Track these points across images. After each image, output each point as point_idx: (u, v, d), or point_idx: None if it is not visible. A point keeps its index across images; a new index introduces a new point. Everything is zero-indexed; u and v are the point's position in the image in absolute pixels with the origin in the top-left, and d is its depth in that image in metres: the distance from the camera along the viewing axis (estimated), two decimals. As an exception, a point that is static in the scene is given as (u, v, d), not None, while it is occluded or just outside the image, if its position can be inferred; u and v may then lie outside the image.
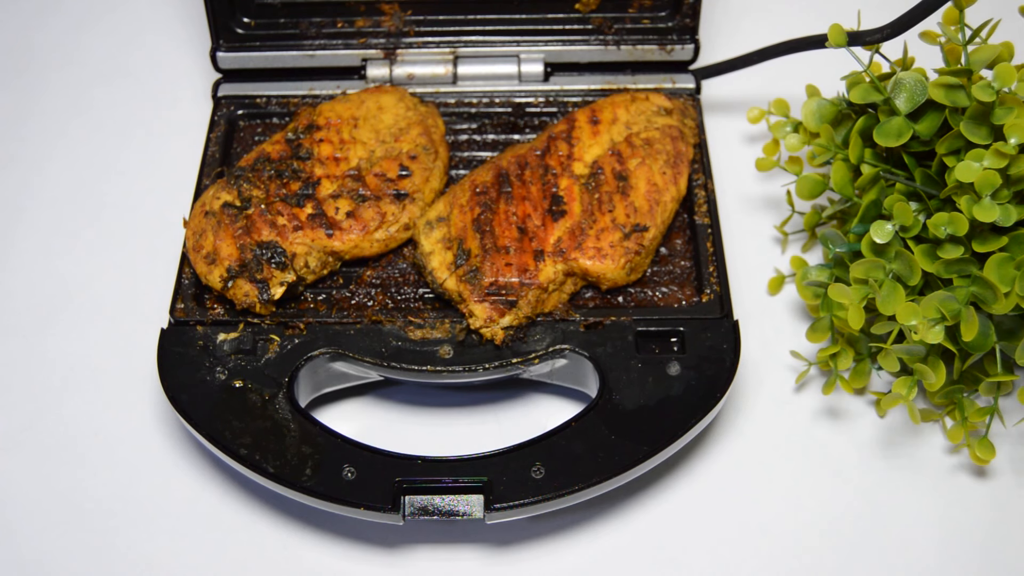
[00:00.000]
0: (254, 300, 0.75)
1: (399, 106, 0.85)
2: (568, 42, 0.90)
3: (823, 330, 0.77)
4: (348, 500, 0.68)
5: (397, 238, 0.79)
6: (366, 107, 0.85)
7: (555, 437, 0.70)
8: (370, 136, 0.83)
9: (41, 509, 0.73)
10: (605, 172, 0.79)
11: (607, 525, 0.73)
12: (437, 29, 0.90)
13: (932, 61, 0.79)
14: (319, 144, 0.82)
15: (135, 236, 0.87)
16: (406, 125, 0.84)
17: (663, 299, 0.78)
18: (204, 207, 0.79)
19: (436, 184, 0.82)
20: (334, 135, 0.83)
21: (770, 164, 0.86)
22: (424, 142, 0.83)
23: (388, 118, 0.84)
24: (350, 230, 0.78)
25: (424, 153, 0.82)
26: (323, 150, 0.82)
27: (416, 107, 0.86)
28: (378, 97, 0.86)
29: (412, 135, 0.83)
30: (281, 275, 0.76)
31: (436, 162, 0.82)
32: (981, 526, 0.73)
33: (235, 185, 0.80)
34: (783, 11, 1.03)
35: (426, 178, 0.81)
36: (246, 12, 0.89)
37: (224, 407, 0.71)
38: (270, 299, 0.75)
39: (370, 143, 0.83)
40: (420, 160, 0.82)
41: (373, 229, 0.78)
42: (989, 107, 0.71)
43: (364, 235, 0.78)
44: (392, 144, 0.83)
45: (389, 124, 0.84)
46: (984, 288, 0.68)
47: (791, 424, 0.77)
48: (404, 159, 0.82)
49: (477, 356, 0.74)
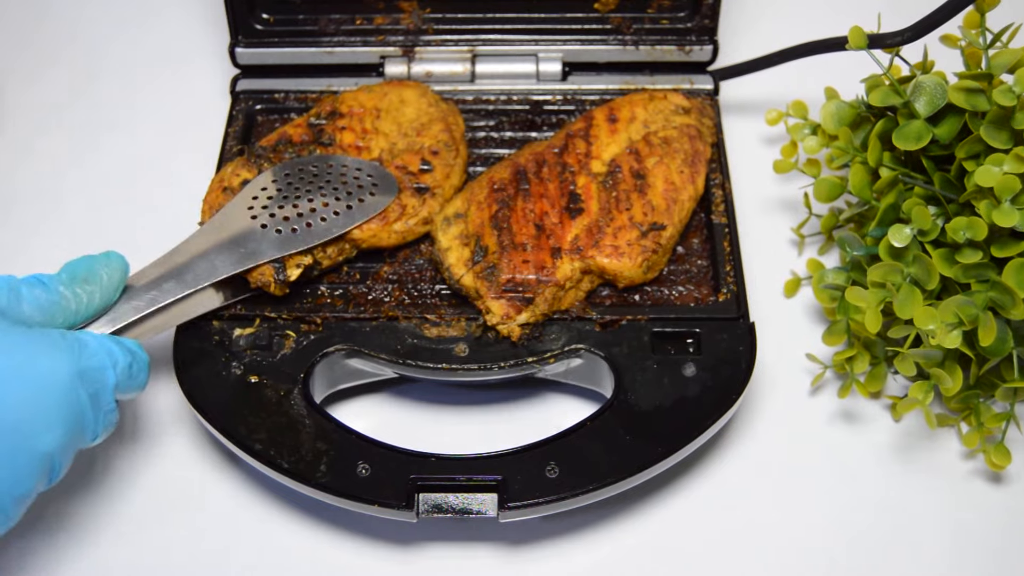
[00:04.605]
0: (269, 279, 0.74)
1: (421, 101, 0.85)
2: (586, 42, 0.90)
3: (839, 333, 0.76)
4: (362, 497, 0.68)
5: (415, 231, 0.79)
6: (388, 99, 0.85)
7: (570, 437, 0.70)
8: (392, 128, 0.83)
9: (54, 502, 0.73)
10: (623, 170, 0.79)
11: (621, 526, 0.73)
12: (455, 27, 0.90)
13: (952, 65, 0.79)
14: (341, 132, 0.83)
15: (151, 231, 0.87)
16: (428, 121, 0.84)
17: (680, 298, 0.77)
18: (223, 183, 0.79)
19: (456, 181, 0.82)
20: (356, 124, 0.83)
21: (788, 166, 0.85)
22: (446, 139, 0.82)
23: (410, 112, 0.84)
24: (371, 218, 0.77)
25: (446, 149, 0.82)
26: (345, 138, 0.82)
27: (437, 104, 0.86)
28: (400, 91, 0.86)
29: (434, 131, 0.83)
30: (298, 257, 0.75)
31: (457, 159, 0.82)
32: (996, 532, 0.72)
33: (255, 164, 0.80)
34: (802, 13, 1.03)
35: (447, 174, 0.81)
36: (265, 8, 0.89)
37: (239, 402, 0.72)
38: (285, 280, 0.74)
39: (392, 135, 0.83)
40: (441, 156, 0.82)
41: (393, 220, 0.78)
42: (1010, 111, 0.70)
43: (383, 225, 0.78)
44: (414, 138, 0.83)
45: (411, 118, 0.84)
46: (1002, 293, 0.68)
47: (806, 427, 0.77)
48: (426, 154, 0.81)
49: (493, 355, 0.74)
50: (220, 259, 0.73)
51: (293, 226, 0.75)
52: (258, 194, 0.77)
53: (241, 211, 0.76)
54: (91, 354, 0.64)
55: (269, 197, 0.77)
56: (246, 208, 0.76)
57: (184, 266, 0.72)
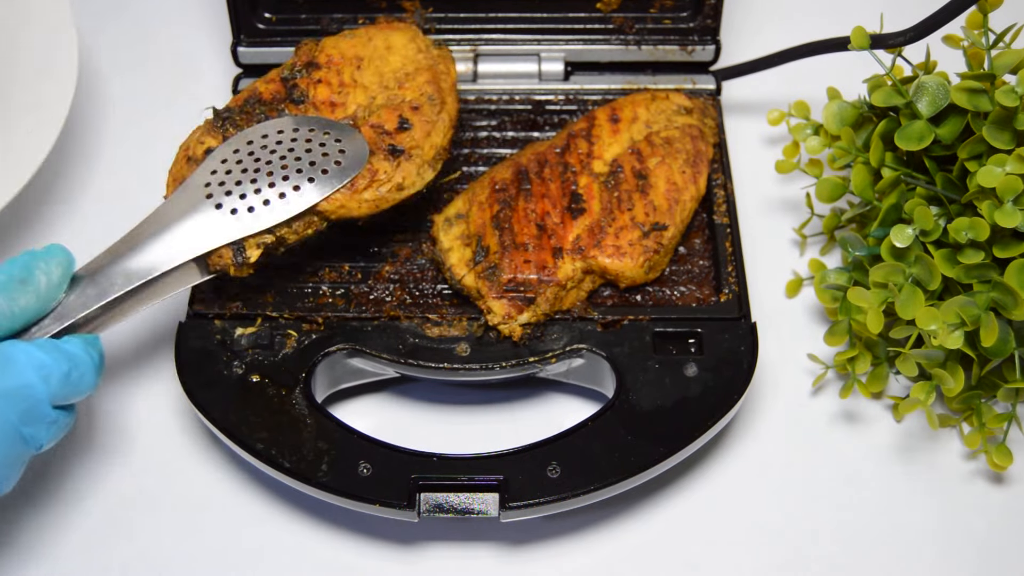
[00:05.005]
0: (228, 262, 0.70)
1: (409, 47, 0.79)
2: (589, 41, 0.90)
3: (841, 333, 0.76)
4: (364, 496, 0.68)
5: (388, 199, 0.73)
6: (373, 45, 0.79)
7: (571, 437, 0.70)
8: (373, 80, 0.77)
9: (57, 500, 0.74)
10: (625, 170, 0.79)
11: (622, 526, 0.73)
12: (458, 27, 0.90)
13: (955, 65, 0.79)
14: (316, 85, 0.77)
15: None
16: (413, 70, 0.77)
17: (681, 298, 0.78)
18: (187, 151, 0.74)
19: (438, 140, 0.75)
20: (334, 76, 0.77)
21: (790, 166, 0.85)
22: (430, 91, 0.76)
23: (396, 60, 0.78)
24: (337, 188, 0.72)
25: (428, 104, 0.75)
26: (320, 93, 0.76)
27: (428, 50, 0.79)
28: (388, 35, 0.80)
29: (418, 82, 0.76)
30: (258, 236, 0.70)
31: (441, 114, 0.76)
32: (998, 532, 0.72)
33: (221, 128, 0.74)
34: (804, 13, 1.03)
35: (427, 132, 0.74)
36: (268, 8, 0.89)
37: (241, 402, 0.72)
38: (244, 262, 0.70)
39: (372, 88, 0.76)
40: (423, 112, 0.75)
41: (362, 188, 0.72)
42: (1012, 112, 0.70)
43: (352, 194, 0.72)
44: (395, 91, 0.76)
45: (396, 67, 0.78)
46: (1004, 294, 0.68)
47: (808, 427, 0.77)
48: (405, 109, 0.75)
49: (494, 354, 0.74)
50: (173, 245, 0.68)
51: (249, 204, 0.70)
52: (217, 168, 0.72)
53: (197, 189, 0.71)
54: (16, 371, 0.61)
55: (227, 172, 0.71)
56: (203, 185, 0.71)
57: (135, 254, 0.68)
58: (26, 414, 0.61)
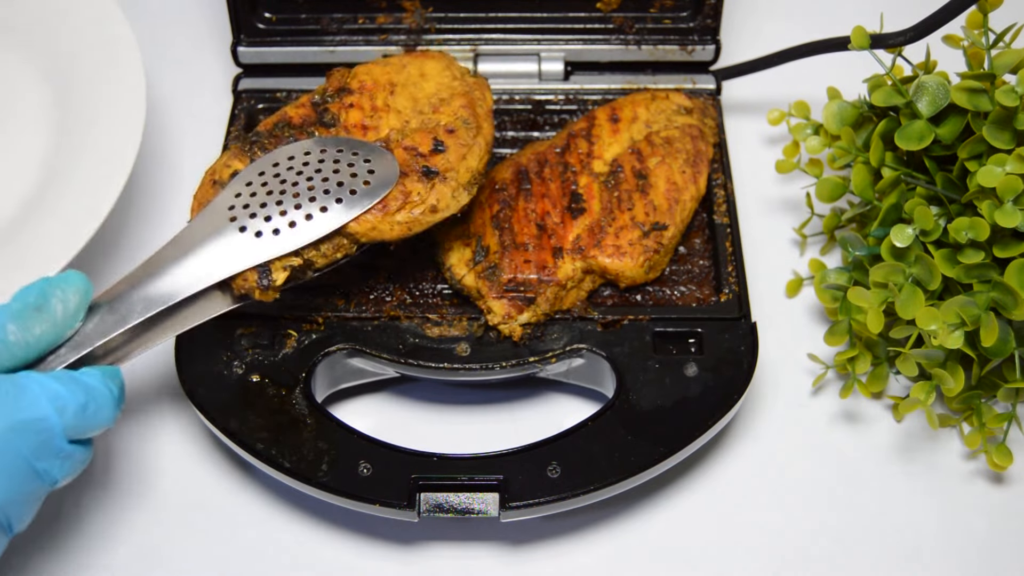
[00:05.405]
0: (253, 286, 0.67)
1: (444, 74, 0.77)
2: (589, 41, 0.90)
3: (841, 333, 0.76)
4: (364, 496, 0.68)
5: (422, 221, 0.70)
6: (407, 72, 0.77)
7: (571, 437, 0.70)
8: (407, 105, 0.75)
9: (56, 498, 0.74)
10: (625, 170, 0.79)
11: (622, 526, 0.73)
12: (458, 27, 0.90)
13: (955, 65, 0.79)
14: (348, 110, 0.74)
15: (153, 228, 0.87)
16: (449, 95, 0.75)
17: (681, 298, 0.78)
18: (213, 176, 0.72)
19: (474, 163, 0.72)
20: (367, 101, 0.75)
21: (790, 166, 0.85)
22: (466, 115, 0.73)
23: (430, 87, 0.76)
24: (368, 209, 0.69)
25: (464, 127, 0.73)
26: (351, 117, 0.74)
27: (463, 77, 0.77)
28: (422, 62, 0.78)
29: (454, 106, 0.74)
30: (285, 258, 0.68)
31: (477, 139, 0.73)
32: (998, 532, 0.72)
33: (248, 152, 0.72)
34: (804, 13, 1.03)
35: (462, 155, 0.71)
36: (268, 7, 0.89)
37: (241, 401, 0.72)
38: (270, 285, 0.67)
39: (405, 112, 0.74)
40: (458, 135, 0.72)
41: (395, 210, 0.69)
42: (1012, 112, 0.70)
43: (383, 216, 0.69)
44: (430, 115, 0.74)
45: (430, 93, 0.75)
46: (1004, 294, 0.68)
47: (808, 427, 0.77)
48: (440, 132, 0.72)
49: (494, 354, 0.74)
50: (195, 269, 0.66)
51: (275, 227, 0.67)
52: (242, 191, 0.69)
53: (221, 212, 0.68)
54: (29, 403, 0.58)
55: (252, 194, 0.69)
56: (227, 208, 0.69)
57: (155, 279, 0.65)
58: (40, 448, 0.59)
